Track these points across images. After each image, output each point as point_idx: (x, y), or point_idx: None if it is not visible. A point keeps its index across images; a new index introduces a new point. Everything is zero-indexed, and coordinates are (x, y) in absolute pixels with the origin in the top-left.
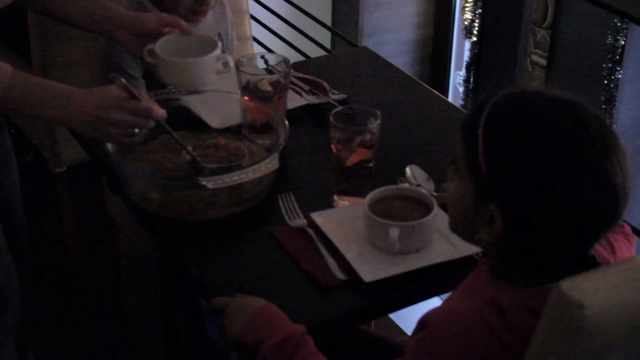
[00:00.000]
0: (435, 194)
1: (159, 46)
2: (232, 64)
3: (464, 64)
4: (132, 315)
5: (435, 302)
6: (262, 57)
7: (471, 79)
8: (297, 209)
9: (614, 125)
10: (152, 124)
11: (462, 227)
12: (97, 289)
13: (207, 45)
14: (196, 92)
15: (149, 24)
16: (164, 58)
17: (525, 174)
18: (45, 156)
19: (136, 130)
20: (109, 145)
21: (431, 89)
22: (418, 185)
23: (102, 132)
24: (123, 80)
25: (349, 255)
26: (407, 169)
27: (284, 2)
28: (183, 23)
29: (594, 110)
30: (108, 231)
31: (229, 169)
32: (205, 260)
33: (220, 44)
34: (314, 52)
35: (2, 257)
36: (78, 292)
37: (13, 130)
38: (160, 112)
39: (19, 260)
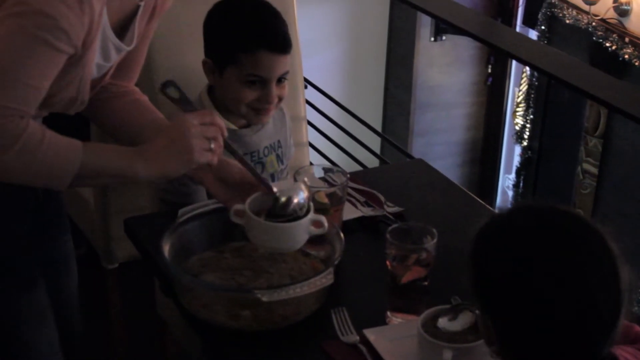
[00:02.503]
0: None
1: (249, 205)
2: (326, 224)
3: (514, 168)
4: None
5: None
6: (324, 169)
7: (521, 184)
8: (350, 324)
9: None
10: (225, 133)
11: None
12: None
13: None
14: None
15: (232, 173)
16: (257, 220)
17: (492, 291)
18: (97, 251)
19: (212, 145)
20: (166, 252)
21: (486, 205)
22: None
23: (189, 161)
24: (177, 85)
25: None
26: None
27: (333, 105)
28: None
29: (590, 225)
30: (157, 331)
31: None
32: None
33: (313, 205)
34: (364, 154)
35: None
36: None
37: None
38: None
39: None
